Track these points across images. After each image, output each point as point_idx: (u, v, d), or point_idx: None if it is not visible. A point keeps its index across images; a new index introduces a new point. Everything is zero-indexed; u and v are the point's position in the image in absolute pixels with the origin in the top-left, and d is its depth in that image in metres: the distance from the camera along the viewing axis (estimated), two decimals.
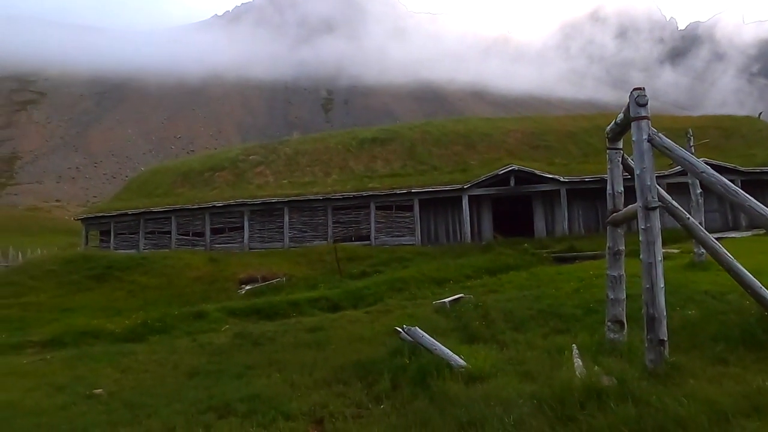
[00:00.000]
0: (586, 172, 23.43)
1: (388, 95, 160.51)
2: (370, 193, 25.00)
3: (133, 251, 26.54)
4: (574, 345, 5.88)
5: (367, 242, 24.48)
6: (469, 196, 24.04)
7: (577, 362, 5.05)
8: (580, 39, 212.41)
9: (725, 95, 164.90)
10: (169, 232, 27.40)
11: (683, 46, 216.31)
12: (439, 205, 24.69)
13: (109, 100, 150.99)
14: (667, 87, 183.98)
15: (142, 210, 27.99)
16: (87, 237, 30.51)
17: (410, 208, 24.70)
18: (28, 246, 40.90)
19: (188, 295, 18.41)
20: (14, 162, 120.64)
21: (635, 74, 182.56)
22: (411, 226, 24.64)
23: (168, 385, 7.09)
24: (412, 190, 24.51)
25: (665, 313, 4.69)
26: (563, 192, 23.59)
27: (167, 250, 25.92)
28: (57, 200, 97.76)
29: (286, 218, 25.77)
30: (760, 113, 30.71)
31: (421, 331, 6.19)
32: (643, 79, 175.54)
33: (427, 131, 29.92)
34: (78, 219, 32.54)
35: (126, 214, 28.43)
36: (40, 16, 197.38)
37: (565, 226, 23.54)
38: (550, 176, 23.59)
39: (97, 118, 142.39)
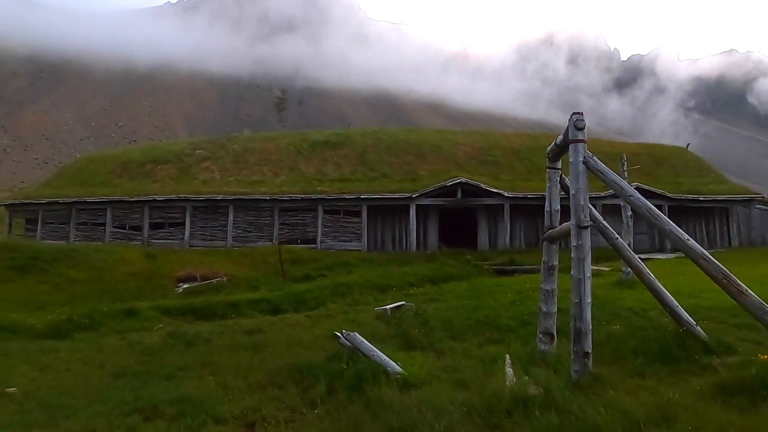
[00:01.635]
0: (529, 189, 24.35)
1: (342, 99, 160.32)
2: (319, 196, 24.85)
3: (62, 242, 25.02)
4: (507, 355, 6.09)
5: (313, 246, 24.29)
6: (417, 206, 24.39)
7: (509, 371, 5.23)
8: (535, 62, 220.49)
9: (664, 126, 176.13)
10: (104, 225, 26.06)
11: (628, 77, 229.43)
12: (387, 212, 24.88)
13: (45, 80, 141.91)
14: (613, 114, 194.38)
15: (75, 199, 26.48)
16: (11, 224, 28.49)
17: (358, 214, 24.75)
18: None
19: (120, 291, 17.54)
20: None
21: (584, 99, 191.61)
22: (358, 231, 24.67)
23: (91, 386, 6.72)
24: (361, 196, 24.58)
25: (591, 327, 4.95)
26: (507, 207, 24.40)
27: (100, 243, 24.64)
28: None
29: (231, 217, 25.15)
30: (688, 144, 33.06)
31: (360, 337, 6.21)
32: (591, 105, 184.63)
33: (379, 138, 30.13)
34: (2, 205, 30.32)
35: (57, 203, 26.79)
36: None
37: (507, 240, 24.33)
38: (495, 191, 24.36)
39: (30, 98, 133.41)
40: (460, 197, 24.37)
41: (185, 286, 18.49)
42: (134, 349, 8.87)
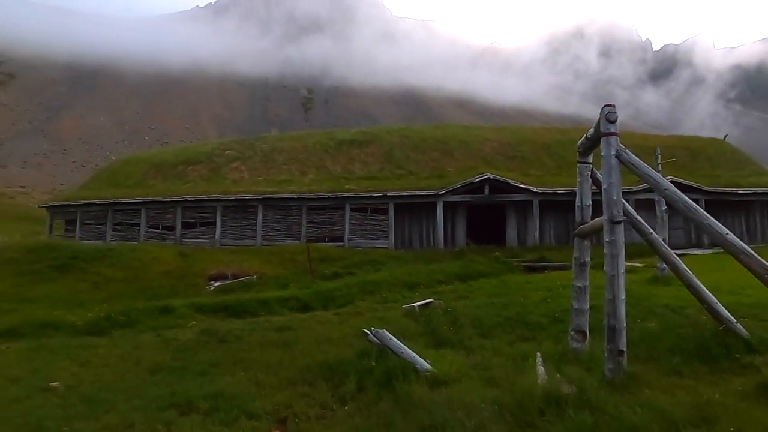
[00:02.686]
0: (559, 185, 23.91)
1: (368, 98, 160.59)
2: (346, 194, 24.97)
3: (99, 242, 25.86)
4: (538, 353, 6.01)
5: (341, 244, 24.43)
6: (444, 203, 24.25)
7: (540, 370, 5.16)
8: (566, 55, 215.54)
9: (703, 118, 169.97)
10: (139, 225, 26.80)
11: (662, 68, 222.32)
12: (414, 210, 24.82)
13: (82, 86, 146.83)
14: (649, 107, 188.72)
15: (111, 200, 27.31)
16: (51, 226, 29.60)
17: (385, 212, 24.76)
18: None
19: (155, 289, 18.03)
20: None
21: (618, 92, 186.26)
22: (385, 229, 24.69)
23: (129, 381, 6.93)
24: (388, 194, 24.58)
25: (625, 325, 4.84)
26: (536, 203, 24.01)
27: (135, 242, 25.34)
28: (22, 186, 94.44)
29: (260, 216, 25.51)
30: (726, 136, 31.87)
31: (389, 334, 6.22)
32: (625, 98, 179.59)
33: (405, 136, 30.06)
34: (43, 207, 31.54)
35: (94, 204, 27.69)
36: None
37: (537, 236, 23.95)
38: (524, 187, 23.99)
39: (68, 103, 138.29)
40: (488, 194, 24.11)
41: (217, 284, 18.87)
42: (169, 346, 9.09)
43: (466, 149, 28.38)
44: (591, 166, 6.33)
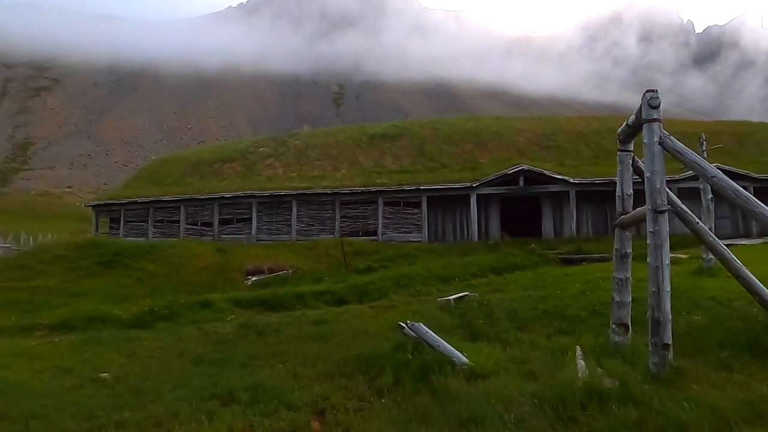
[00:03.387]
0: (597, 174, 23.29)
1: (399, 91, 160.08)
2: (379, 188, 25.02)
3: (141, 239, 26.78)
4: (577, 346, 5.88)
5: (374, 238, 24.52)
6: (478, 195, 23.99)
7: (580, 363, 5.05)
8: (605, 41, 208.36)
9: (752, 103, 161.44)
10: (178, 221, 27.60)
11: (707, 51, 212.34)
12: (447, 202, 24.66)
13: (122, 88, 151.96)
14: (694, 93, 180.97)
15: (152, 198, 28.22)
16: (97, 224, 30.81)
17: (418, 205, 24.70)
18: (39, 231, 41.37)
19: (195, 284, 18.55)
20: (27, 147, 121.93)
21: (661, 78, 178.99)
22: (418, 222, 24.64)
23: (173, 372, 7.16)
24: (421, 187, 24.49)
25: (670, 318, 4.67)
26: (572, 193, 23.47)
27: (175, 239, 26.12)
28: (69, 186, 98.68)
29: (294, 211, 25.87)
30: None
31: (425, 327, 6.21)
32: (669, 84, 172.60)
33: (437, 128, 29.87)
34: (89, 206, 32.86)
35: (136, 202, 28.67)
36: (58, 3, 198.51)
37: (573, 228, 23.43)
38: (560, 177, 23.47)
39: (110, 106, 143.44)
40: (523, 185, 23.70)
41: (254, 278, 19.26)
42: (210, 339, 9.34)
43: (499, 140, 27.97)
44: (632, 154, 6.12)
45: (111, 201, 30.61)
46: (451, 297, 10.91)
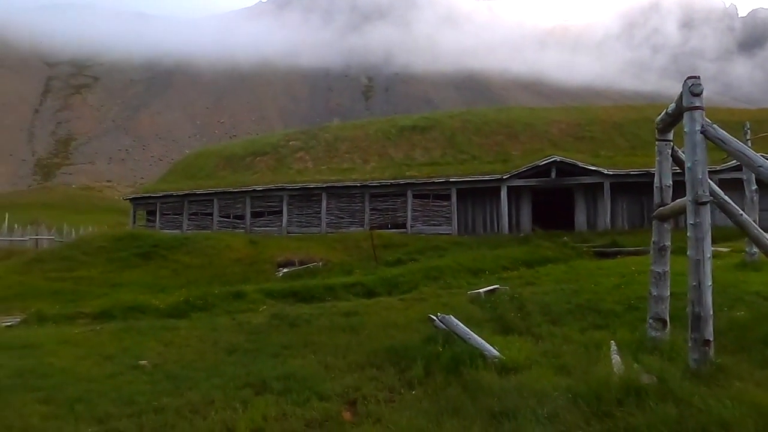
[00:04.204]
0: (633, 165, 22.65)
1: (428, 83, 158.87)
2: (408, 181, 24.96)
3: (177, 231, 27.50)
4: (612, 341, 5.76)
5: (404, 230, 24.52)
6: (509, 187, 23.66)
7: (616, 358, 4.95)
8: (643, 28, 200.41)
9: None
10: (212, 214, 28.22)
11: (753, 36, 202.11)
12: (478, 195, 24.41)
13: (157, 85, 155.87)
14: (740, 81, 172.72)
15: (186, 192, 28.92)
16: (135, 216, 31.81)
17: (448, 197, 24.54)
18: (80, 223, 43.00)
19: (228, 275, 18.95)
20: (69, 143, 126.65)
21: (704, 65, 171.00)
22: (448, 215, 24.50)
23: (208, 360, 7.34)
24: (450, 179, 24.32)
25: (712, 313, 4.51)
26: (607, 185, 22.89)
27: (209, 231, 26.74)
28: (108, 180, 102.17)
29: (324, 204, 26.08)
30: None
31: (456, 320, 6.18)
32: (712, 72, 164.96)
33: (468, 120, 29.54)
34: (126, 199, 33.96)
35: (171, 195, 29.45)
36: (96, 3, 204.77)
37: (608, 221, 22.87)
38: (594, 168, 22.91)
39: (146, 102, 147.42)
40: (555, 177, 23.24)
41: (285, 270, 19.55)
42: (243, 329, 9.52)
43: (531, 131, 27.48)
44: (671, 143, 5.92)
45: (147, 194, 31.51)
46: (481, 290, 10.82)
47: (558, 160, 23.17)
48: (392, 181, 25.15)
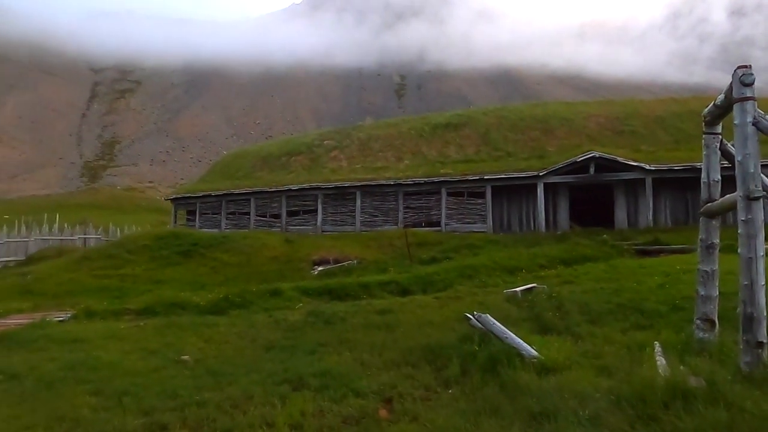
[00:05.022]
0: (676, 160, 21.81)
1: (461, 80, 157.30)
2: (442, 179, 24.79)
3: (215, 230, 28.19)
4: (656, 342, 5.58)
5: (438, 228, 24.38)
6: (545, 184, 23.18)
7: (660, 360, 4.78)
8: (690, 17, 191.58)
9: None
10: (249, 213, 28.80)
11: None
12: (513, 192, 24.03)
13: (196, 88, 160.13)
14: None
15: (224, 192, 29.61)
16: (176, 216, 32.79)
17: (482, 195, 24.25)
18: (125, 223, 44.66)
19: (265, 273, 19.29)
20: (114, 146, 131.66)
21: (758, 54, 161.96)
22: (482, 213, 24.21)
23: (247, 357, 7.50)
24: (485, 177, 24.01)
25: (765, 313, 4.30)
26: (649, 181, 22.11)
27: (246, 230, 27.28)
28: (150, 181, 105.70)
29: (358, 202, 26.21)
30: None
31: (492, 319, 6.10)
32: (767, 61, 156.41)
33: (502, 116, 29.10)
34: (168, 199, 35.03)
35: (210, 195, 30.21)
36: (138, 10, 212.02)
37: (650, 218, 22.10)
38: (635, 164, 22.18)
39: (185, 105, 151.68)
40: (593, 173, 22.61)
41: (320, 268, 19.75)
42: (280, 326, 9.68)
43: (568, 127, 26.83)
44: (720, 137, 5.66)
45: (187, 195, 32.43)
46: (518, 288, 10.66)
47: (596, 155, 22.54)
48: (426, 179, 25.04)
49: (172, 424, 4.82)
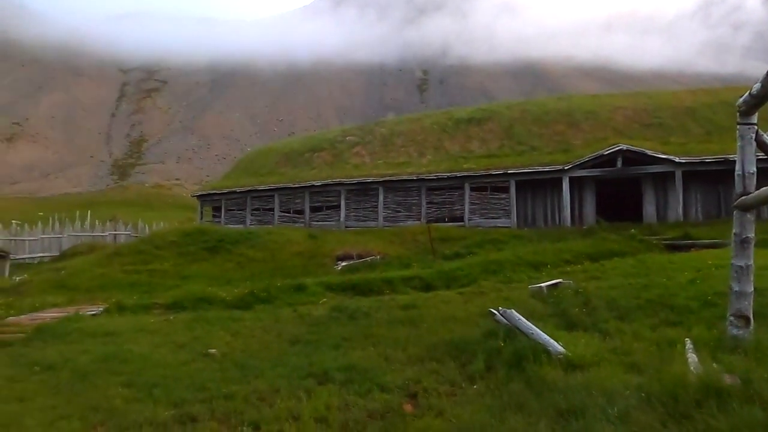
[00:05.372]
0: (707, 152, 21.20)
1: (484, 74, 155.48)
2: (465, 173, 24.63)
3: (240, 226, 28.61)
4: (687, 339, 5.45)
5: (461, 223, 24.24)
6: (571, 178, 22.81)
7: (692, 357, 4.67)
8: (722, 4, 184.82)
9: None
10: (273, 209, 29.12)
11: None
12: (538, 186, 23.71)
13: (221, 86, 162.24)
14: None
15: (249, 188, 29.99)
16: (202, 212, 33.37)
17: (506, 190, 24.01)
18: (153, 219, 45.69)
19: (289, 268, 19.50)
20: (142, 144, 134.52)
21: None
22: (506, 208, 23.97)
23: (272, 351, 7.61)
24: (509, 171, 23.76)
25: None
26: (678, 174, 21.55)
27: (270, 226, 27.60)
28: (176, 179, 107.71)
29: (381, 198, 26.24)
30: None
31: (518, 314, 6.05)
32: None
33: (526, 110, 28.71)
34: (194, 196, 35.65)
35: (234, 192, 30.64)
36: (163, 10, 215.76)
37: (680, 212, 21.55)
38: (664, 157, 21.63)
39: (209, 103, 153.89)
40: (621, 166, 22.15)
41: (343, 264, 19.85)
42: (304, 321, 9.78)
43: (594, 120, 26.32)
44: (755, 127, 5.47)
45: (213, 191, 32.96)
46: (543, 284, 10.52)
47: (624, 148, 22.07)
48: (449, 174, 24.91)
49: (202, 415, 4.93)
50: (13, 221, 39.67)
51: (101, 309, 12.51)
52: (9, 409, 5.47)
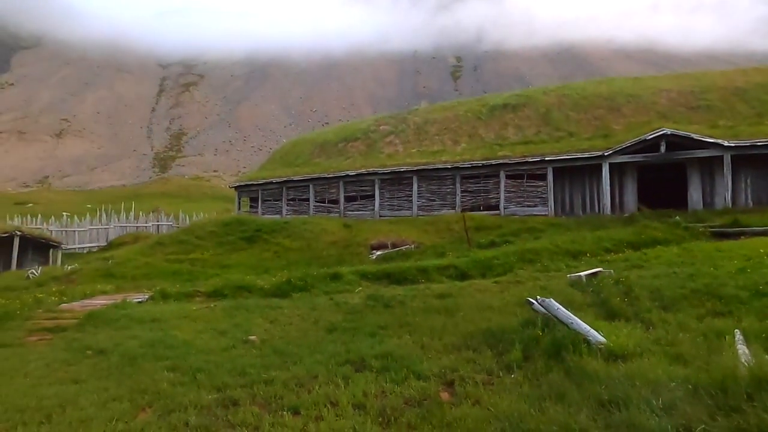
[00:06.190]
0: (759, 135, 20.15)
1: (520, 59, 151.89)
2: (500, 161, 24.23)
3: (277, 216, 29.10)
4: (737, 330, 5.24)
5: (496, 212, 23.93)
6: (611, 164, 22.12)
7: (742, 349, 4.49)
8: None
9: None
10: (308, 199, 29.48)
11: None
12: (576, 173, 23.11)
13: (255, 78, 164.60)
14: None
15: (285, 179, 30.43)
16: (239, 203, 34.12)
17: (543, 177, 23.50)
18: (193, 210, 47.04)
19: (325, 257, 19.75)
20: (181, 137, 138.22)
21: None
22: (543, 195, 23.49)
23: (310, 338, 7.74)
24: (546, 158, 23.23)
25: None
26: (727, 158, 20.58)
27: (306, 215, 27.97)
28: (215, 170, 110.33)
29: (415, 187, 26.16)
30: None
31: (557, 303, 5.95)
32: None
33: (564, 95, 27.92)
34: (232, 187, 36.45)
35: (271, 183, 31.16)
36: (202, 6, 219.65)
37: (728, 198, 20.61)
38: (711, 141, 20.67)
39: (245, 96, 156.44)
40: (664, 151, 21.31)
41: (378, 253, 19.95)
42: (340, 309, 9.90)
43: (636, 103, 25.37)
44: None
45: (250, 182, 33.60)
46: (582, 273, 10.30)
47: (668, 132, 21.20)
48: (484, 162, 24.57)
49: (243, 399, 5.07)
50: (64, 213, 41.65)
51: (146, 296, 13.00)
52: (66, 390, 5.79)
